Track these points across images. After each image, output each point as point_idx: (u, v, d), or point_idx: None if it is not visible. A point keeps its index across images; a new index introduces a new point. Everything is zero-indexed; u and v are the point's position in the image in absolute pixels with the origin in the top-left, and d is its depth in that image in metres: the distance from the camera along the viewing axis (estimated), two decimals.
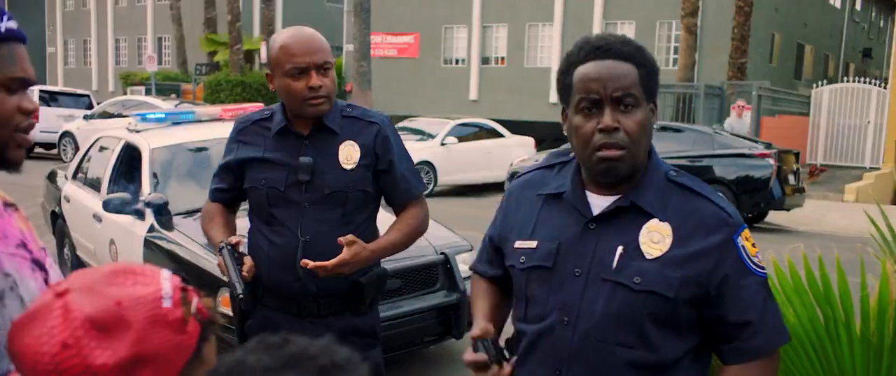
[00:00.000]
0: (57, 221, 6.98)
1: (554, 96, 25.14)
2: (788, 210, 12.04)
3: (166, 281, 0.76)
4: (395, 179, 2.47)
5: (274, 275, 2.39)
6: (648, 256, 1.48)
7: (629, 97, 1.48)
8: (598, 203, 1.54)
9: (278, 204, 2.40)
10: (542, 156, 10.30)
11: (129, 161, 5.90)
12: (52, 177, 7.55)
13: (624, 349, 1.48)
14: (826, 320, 1.70)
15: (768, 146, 12.03)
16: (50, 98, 20.73)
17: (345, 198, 2.39)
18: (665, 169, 1.58)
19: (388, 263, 4.45)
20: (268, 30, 28.52)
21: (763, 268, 1.52)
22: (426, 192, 2.68)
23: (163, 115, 6.30)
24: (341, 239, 2.26)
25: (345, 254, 2.26)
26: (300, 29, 2.42)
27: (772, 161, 11.41)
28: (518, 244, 1.59)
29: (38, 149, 20.81)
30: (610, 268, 1.49)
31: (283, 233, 2.38)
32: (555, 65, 25.06)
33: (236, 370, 0.62)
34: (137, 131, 6.07)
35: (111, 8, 37.84)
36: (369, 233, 2.46)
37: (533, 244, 1.57)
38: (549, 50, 25.34)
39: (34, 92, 20.60)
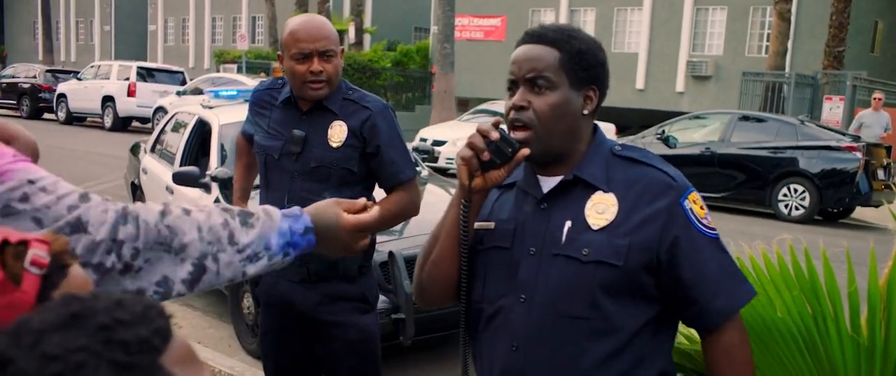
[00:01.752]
0: (136, 192, 7.30)
1: (641, 82, 24.79)
2: (877, 206, 11.56)
3: None
4: (382, 163, 2.59)
5: None
6: (595, 227, 1.52)
7: (542, 79, 1.53)
8: (548, 184, 1.59)
9: (273, 169, 2.64)
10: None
11: (202, 136, 6.13)
12: (134, 149, 7.90)
13: (579, 321, 1.50)
14: (814, 314, 1.67)
15: (856, 139, 11.57)
16: (147, 74, 21.59)
17: (328, 173, 2.56)
18: (610, 145, 1.62)
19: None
20: (357, 10, 28.88)
21: (713, 228, 1.55)
22: None
23: (235, 93, 6.51)
24: None
25: None
26: (311, 17, 2.61)
27: (859, 154, 10.97)
28: (477, 225, 1.63)
29: (134, 123, 21.76)
30: (559, 242, 1.53)
31: (274, 198, 2.56)
32: (642, 50, 24.62)
33: (18, 329, 0.62)
34: (210, 107, 6.30)
35: None
36: None
37: (491, 225, 1.62)
38: (637, 35, 24.87)
39: (132, 68, 21.52)
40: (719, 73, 23.36)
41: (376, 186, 2.69)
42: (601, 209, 1.53)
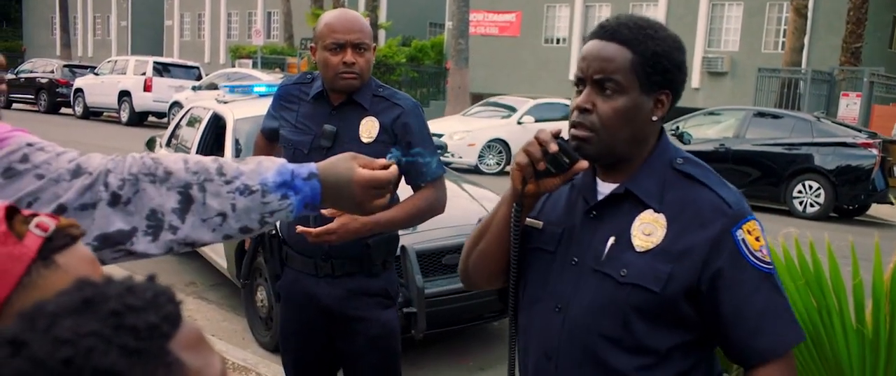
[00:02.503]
0: None
1: None
2: (893, 203, 11.47)
3: None
4: (412, 161, 2.56)
5: (292, 232, 2.56)
6: (638, 249, 1.45)
7: (610, 82, 1.44)
8: (604, 190, 1.53)
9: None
10: None
11: (216, 130, 6.18)
12: (150, 144, 7.96)
13: (608, 341, 1.46)
14: (819, 307, 1.68)
15: (872, 135, 11.49)
16: (163, 69, 21.72)
17: None
18: (672, 156, 1.52)
19: (451, 239, 4.58)
20: (372, 6, 28.90)
21: (768, 263, 1.43)
22: (497, 171, 2.78)
23: (249, 87, 6.55)
24: (324, 211, 2.37)
25: (332, 224, 2.39)
26: (346, 11, 2.63)
27: (876, 151, 10.90)
28: (529, 221, 1.58)
29: (151, 118, 21.90)
30: (600, 258, 1.47)
31: None
32: None
33: (34, 312, 0.65)
34: (225, 102, 6.35)
35: None
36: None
37: (539, 224, 1.57)
38: None
39: (148, 63, 21.65)
40: (735, 69, 23.24)
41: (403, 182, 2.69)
42: (649, 231, 1.45)
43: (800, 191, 11.32)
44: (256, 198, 1.31)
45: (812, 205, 11.22)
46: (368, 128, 2.56)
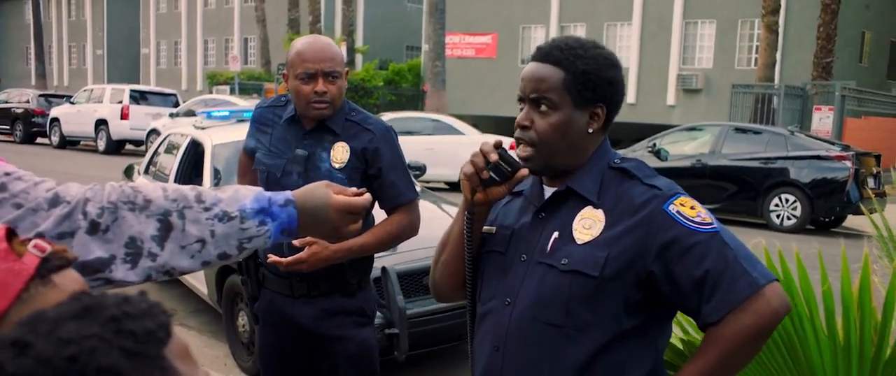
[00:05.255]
0: None
1: (632, 96, 24.88)
2: (864, 213, 11.62)
3: None
4: (383, 185, 2.61)
5: (268, 255, 2.56)
6: (579, 241, 1.54)
7: (545, 100, 1.56)
8: (549, 194, 1.64)
9: (274, 188, 2.58)
10: None
11: (195, 156, 6.17)
12: (128, 171, 7.92)
13: (554, 328, 1.54)
14: (791, 316, 1.72)
15: (846, 148, 11.66)
16: (140, 97, 21.63)
17: None
18: (611, 157, 1.63)
19: (432, 259, 4.59)
20: (348, 30, 29.04)
21: (708, 223, 1.48)
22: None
23: (227, 113, 6.55)
24: (295, 242, 2.40)
25: (302, 253, 2.43)
26: (317, 38, 2.62)
27: (849, 163, 11.06)
28: (484, 229, 1.70)
29: (128, 146, 21.79)
30: (545, 251, 1.57)
31: None
32: (633, 65, 24.76)
33: (35, 319, 0.68)
34: (203, 128, 6.34)
35: (201, 9, 39.18)
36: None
37: (492, 229, 1.69)
38: (627, 50, 25.03)
39: (125, 91, 21.58)
40: (709, 85, 23.52)
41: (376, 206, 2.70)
42: (588, 224, 1.55)
43: (776, 205, 11.45)
44: (235, 224, 1.33)
45: (789, 218, 11.34)
46: (339, 154, 2.57)
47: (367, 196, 1.45)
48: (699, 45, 24.33)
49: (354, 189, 1.46)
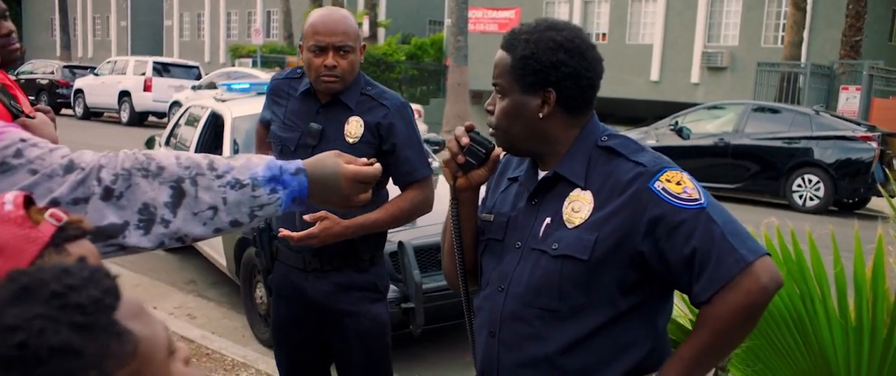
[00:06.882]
0: None
1: (655, 73, 24.67)
2: (882, 195, 11.47)
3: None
4: (397, 161, 2.59)
5: (280, 228, 2.57)
6: (569, 225, 1.54)
7: (497, 85, 1.61)
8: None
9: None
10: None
11: (215, 128, 6.20)
12: (149, 143, 7.99)
13: (547, 312, 1.54)
14: (802, 295, 1.71)
15: (872, 129, 11.50)
16: (162, 69, 21.76)
17: None
18: (598, 136, 1.60)
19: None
20: (371, 3, 28.92)
21: (695, 199, 1.46)
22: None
23: (247, 86, 6.57)
24: (306, 216, 2.40)
25: (313, 228, 2.43)
26: (332, 10, 2.60)
27: (874, 144, 10.91)
28: (482, 216, 1.72)
29: (151, 118, 21.94)
30: (537, 237, 1.57)
31: None
32: (657, 42, 24.49)
33: None
34: (223, 101, 6.37)
35: None
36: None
37: (490, 217, 1.69)
38: (651, 26, 24.75)
39: (148, 63, 21.68)
40: (735, 63, 23.22)
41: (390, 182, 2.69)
42: (577, 208, 1.55)
43: (799, 185, 11.33)
44: (246, 191, 1.34)
45: (812, 199, 11.22)
46: (353, 129, 2.56)
47: (378, 166, 1.46)
48: (725, 22, 23.98)
49: (364, 159, 1.46)
